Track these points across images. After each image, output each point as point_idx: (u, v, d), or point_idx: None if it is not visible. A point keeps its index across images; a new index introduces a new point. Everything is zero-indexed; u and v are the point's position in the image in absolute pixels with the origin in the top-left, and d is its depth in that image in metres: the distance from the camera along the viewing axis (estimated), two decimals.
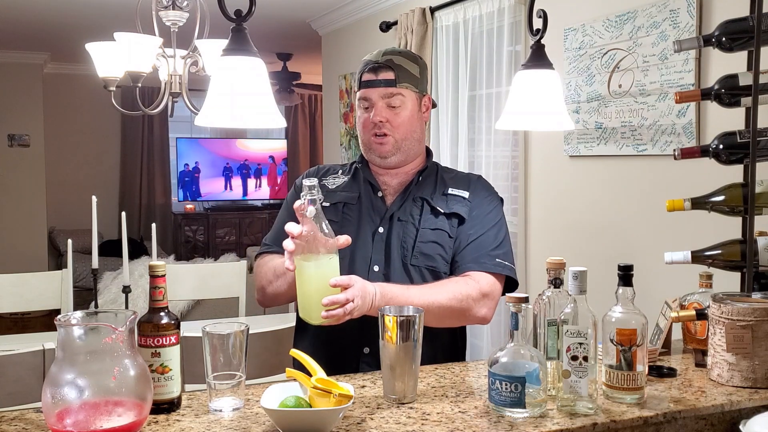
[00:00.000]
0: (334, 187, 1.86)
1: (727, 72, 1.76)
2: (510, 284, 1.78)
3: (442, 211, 1.79)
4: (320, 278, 1.50)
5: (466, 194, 1.83)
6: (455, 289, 1.66)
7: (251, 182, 8.41)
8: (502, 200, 1.89)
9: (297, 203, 1.50)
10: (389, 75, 1.77)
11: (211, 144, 8.33)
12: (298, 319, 1.87)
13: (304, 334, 1.81)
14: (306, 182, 1.50)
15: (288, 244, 1.50)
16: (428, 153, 1.92)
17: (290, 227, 1.49)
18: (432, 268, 1.76)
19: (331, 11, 5.04)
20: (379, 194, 1.84)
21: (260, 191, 8.47)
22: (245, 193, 8.40)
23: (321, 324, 1.53)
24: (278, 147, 8.57)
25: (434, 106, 1.93)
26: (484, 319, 1.71)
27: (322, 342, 1.73)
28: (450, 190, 1.83)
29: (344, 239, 1.52)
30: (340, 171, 1.91)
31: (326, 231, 1.51)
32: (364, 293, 1.54)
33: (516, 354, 1.32)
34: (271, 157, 8.48)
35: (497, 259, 1.74)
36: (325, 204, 1.78)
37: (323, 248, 1.49)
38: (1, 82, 6.89)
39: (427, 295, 1.63)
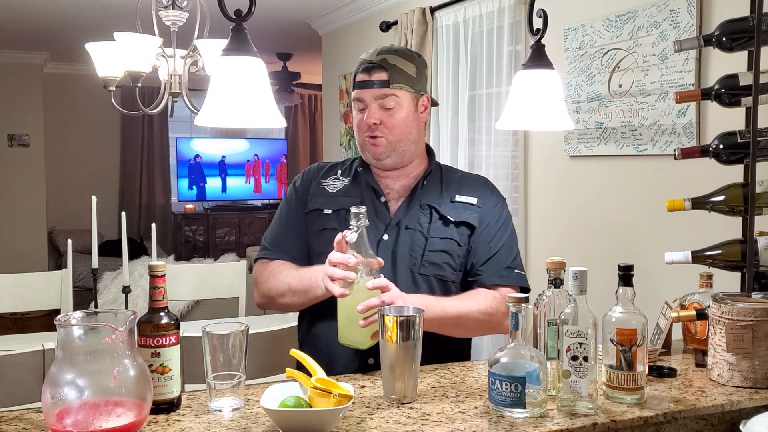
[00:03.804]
0: (335, 191, 1.82)
1: (727, 72, 1.76)
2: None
3: (452, 219, 1.77)
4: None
5: (474, 200, 1.81)
6: (486, 303, 1.70)
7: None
8: (504, 199, 1.90)
9: (340, 236, 1.56)
10: (383, 75, 1.73)
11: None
12: (302, 326, 1.86)
13: (307, 341, 1.80)
14: (353, 209, 1.55)
15: (338, 272, 1.54)
16: (430, 153, 1.88)
17: (340, 258, 1.54)
18: (440, 277, 1.75)
19: (331, 11, 5.04)
20: (382, 199, 1.80)
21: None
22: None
23: (370, 346, 1.57)
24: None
25: (434, 104, 1.89)
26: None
27: (325, 353, 1.69)
28: (458, 197, 1.80)
29: (380, 261, 1.59)
30: (339, 171, 1.87)
31: (370, 253, 1.56)
32: (401, 296, 1.56)
33: (516, 354, 1.32)
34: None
35: (515, 271, 1.79)
36: (326, 211, 1.79)
37: (366, 273, 1.55)
38: (1, 82, 6.89)
39: (461, 307, 1.67)
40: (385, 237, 1.75)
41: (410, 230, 1.75)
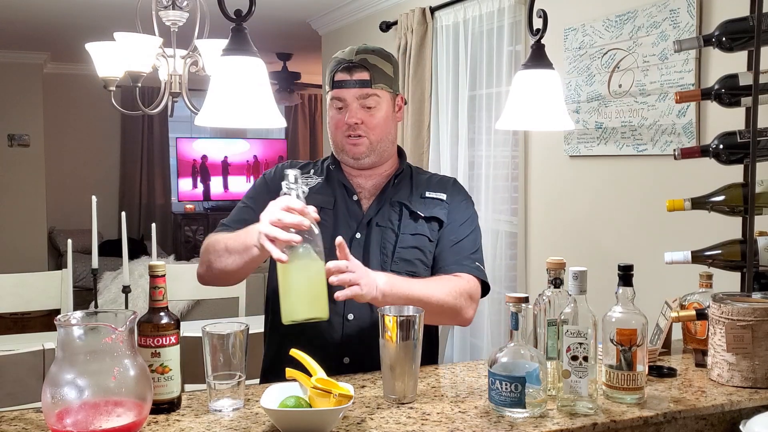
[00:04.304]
0: (307, 188, 1.80)
1: (727, 72, 1.76)
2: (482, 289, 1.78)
3: (422, 215, 1.76)
4: (312, 270, 1.42)
5: (443, 196, 1.81)
6: (451, 286, 1.66)
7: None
8: (472, 199, 1.90)
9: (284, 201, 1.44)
10: (364, 75, 1.72)
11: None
12: (273, 325, 1.79)
13: (280, 341, 1.75)
14: (290, 172, 1.47)
15: (282, 234, 1.40)
16: (401, 154, 1.88)
17: (292, 221, 1.40)
18: (412, 274, 1.73)
19: (331, 11, 5.04)
20: (355, 198, 1.78)
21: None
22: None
23: (310, 318, 1.43)
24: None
25: (404, 103, 1.89)
26: (469, 320, 1.71)
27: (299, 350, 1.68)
28: (428, 193, 1.80)
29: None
30: (312, 170, 1.83)
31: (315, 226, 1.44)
32: (366, 270, 1.52)
33: (516, 354, 1.32)
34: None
35: (476, 263, 1.76)
36: None
37: (321, 242, 1.44)
38: (1, 82, 6.89)
39: (428, 288, 1.62)
40: (358, 236, 1.74)
41: (381, 227, 1.75)
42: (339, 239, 1.50)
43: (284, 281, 1.43)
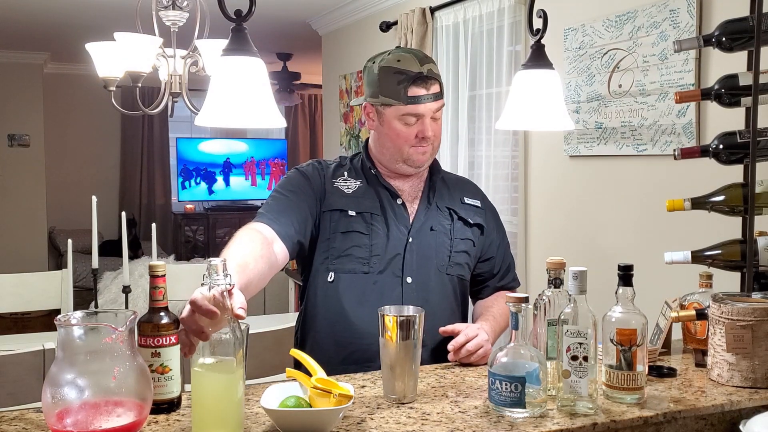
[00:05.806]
0: (351, 191, 1.77)
1: (727, 72, 1.76)
2: None
3: (471, 222, 1.82)
4: (233, 386, 1.19)
5: (478, 203, 1.87)
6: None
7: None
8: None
9: (205, 297, 1.16)
10: (436, 88, 1.72)
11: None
12: (328, 323, 1.75)
13: (336, 339, 1.73)
14: (214, 261, 1.18)
15: (182, 336, 1.20)
16: None
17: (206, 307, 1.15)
18: (461, 277, 1.81)
19: (331, 11, 5.04)
20: (399, 201, 1.79)
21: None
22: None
23: None
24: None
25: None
26: None
27: (354, 359, 1.69)
28: (466, 199, 1.86)
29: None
30: (346, 172, 1.81)
31: (237, 330, 1.20)
32: (474, 327, 1.65)
33: (516, 354, 1.32)
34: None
35: (516, 273, 1.97)
36: (351, 213, 1.74)
37: (239, 349, 1.20)
38: (1, 82, 6.89)
39: (501, 319, 1.80)
40: (411, 239, 1.76)
41: (435, 232, 1.78)
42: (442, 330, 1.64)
43: (192, 388, 1.22)
